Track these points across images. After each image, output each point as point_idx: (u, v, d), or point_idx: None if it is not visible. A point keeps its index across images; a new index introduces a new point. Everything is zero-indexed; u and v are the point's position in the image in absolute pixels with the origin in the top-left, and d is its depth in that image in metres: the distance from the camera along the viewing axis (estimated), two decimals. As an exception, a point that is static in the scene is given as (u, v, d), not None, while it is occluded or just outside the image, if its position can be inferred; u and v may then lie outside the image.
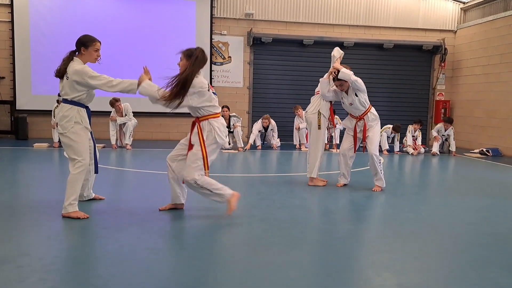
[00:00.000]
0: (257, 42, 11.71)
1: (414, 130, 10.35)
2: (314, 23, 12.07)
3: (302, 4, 11.99)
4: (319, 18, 12.10)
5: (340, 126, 10.32)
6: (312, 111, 5.75)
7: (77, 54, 3.95)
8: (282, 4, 11.93)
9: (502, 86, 10.65)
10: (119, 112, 9.57)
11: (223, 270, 2.87)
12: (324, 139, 5.83)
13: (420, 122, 10.53)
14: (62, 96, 3.93)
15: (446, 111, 12.50)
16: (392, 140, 10.40)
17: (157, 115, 11.34)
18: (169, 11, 11.42)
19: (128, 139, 9.52)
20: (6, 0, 10.77)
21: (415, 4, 12.40)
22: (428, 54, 12.67)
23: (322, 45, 11.52)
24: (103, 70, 3.94)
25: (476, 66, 11.71)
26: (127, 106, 9.61)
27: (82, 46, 3.92)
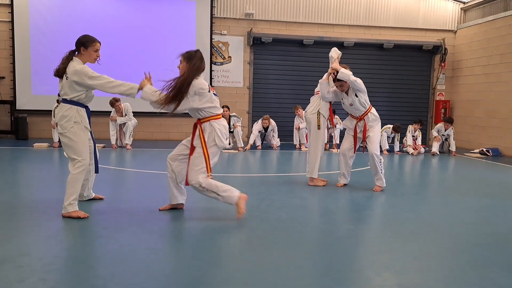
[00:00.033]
0: (257, 42, 11.71)
1: (414, 130, 10.35)
2: (314, 23, 12.07)
3: (302, 4, 11.99)
4: (319, 18, 12.10)
5: (340, 126, 10.33)
6: (311, 111, 5.75)
7: (76, 54, 3.95)
8: (282, 4, 11.93)
9: (502, 86, 10.66)
10: (119, 112, 9.57)
11: (223, 270, 2.87)
12: (323, 139, 5.83)
13: (420, 122, 10.53)
14: (62, 96, 3.93)
15: (446, 111, 12.50)
16: (392, 140, 10.40)
17: (157, 115, 11.31)
18: (169, 11, 11.42)
19: (128, 139, 9.53)
20: (6, 0, 10.78)
21: (415, 4, 12.40)
22: (428, 54, 12.67)
23: (322, 45, 11.52)
24: (103, 70, 3.93)
25: (476, 66, 11.71)
26: (127, 106, 9.61)
27: (81, 46, 3.92)
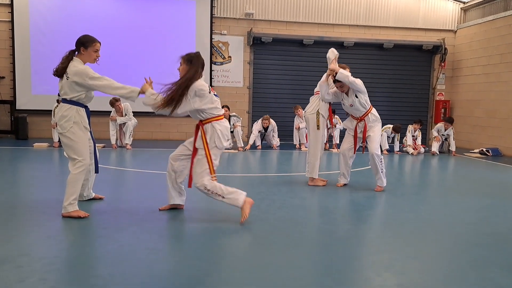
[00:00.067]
0: (257, 42, 11.70)
1: (414, 130, 10.35)
2: (314, 23, 12.07)
3: (302, 4, 11.99)
4: (319, 18, 12.09)
5: (340, 126, 10.33)
6: (310, 112, 5.74)
7: (76, 54, 3.94)
8: (282, 4, 11.93)
9: (502, 86, 10.65)
10: (119, 111, 9.57)
11: (223, 270, 2.87)
12: (323, 139, 5.82)
13: (420, 122, 10.53)
14: (62, 95, 3.92)
15: (446, 111, 12.50)
16: (392, 140, 10.40)
17: (157, 115, 11.31)
18: (169, 11, 11.42)
19: (128, 139, 9.53)
20: (6, 0, 10.78)
21: (415, 4, 12.40)
22: (428, 54, 12.66)
23: (322, 45, 11.51)
24: (103, 70, 3.93)
25: (476, 66, 11.71)
26: (127, 106, 9.61)
27: (81, 46, 3.91)
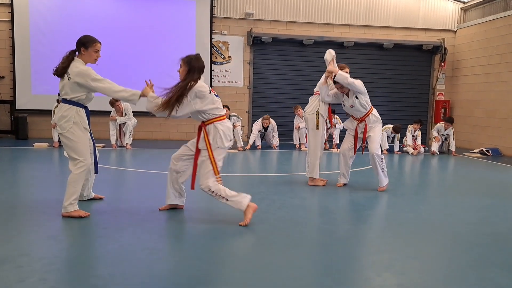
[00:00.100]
0: (257, 42, 11.70)
1: (414, 130, 10.35)
2: (314, 23, 12.07)
3: (302, 4, 11.99)
4: (319, 18, 12.09)
5: (340, 126, 10.33)
6: (310, 112, 5.74)
7: (77, 54, 3.94)
8: (282, 3, 11.93)
9: (502, 86, 10.65)
10: (119, 111, 9.57)
11: (223, 270, 2.87)
12: (322, 139, 5.82)
13: (420, 122, 10.53)
14: (62, 95, 3.91)
15: (446, 111, 12.50)
16: (392, 139, 10.40)
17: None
18: (169, 11, 11.41)
19: (128, 139, 9.52)
20: (6, -1, 10.81)
21: (415, 4, 12.39)
22: (428, 54, 12.66)
23: (322, 45, 11.47)
24: (103, 70, 3.94)
25: (476, 66, 11.71)
26: (127, 105, 9.60)
27: (82, 46, 3.90)
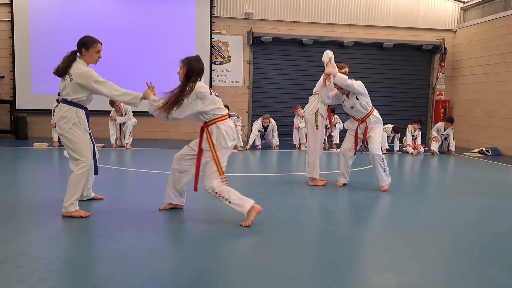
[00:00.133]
0: (257, 42, 11.70)
1: (414, 130, 10.35)
2: (314, 23, 12.07)
3: (302, 3, 11.99)
4: (319, 17, 12.09)
5: (339, 126, 10.33)
6: (309, 112, 5.74)
7: (78, 55, 3.92)
8: (282, 3, 11.92)
9: (502, 85, 10.66)
10: (119, 111, 9.57)
11: (223, 270, 2.87)
12: (322, 139, 5.82)
13: (420, 122, 10.53)
14: (63, 96, 3.90)
15: (445, 111, 12.50)
16: (392, 139, 10.40)
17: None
18: (169, 11, 11.41)
19: (127, 139, 9.52)
20: (6, -1, 10.80)
21: (415, 3, 12.40)
22: (428, 54, 12.66)
23: (322, 44, 11.47)
24: (103, 70, 3.94)
25: (475, 65, 11.71)
26: (127, 105, 9.59)
27: (83, 47, 3.89)
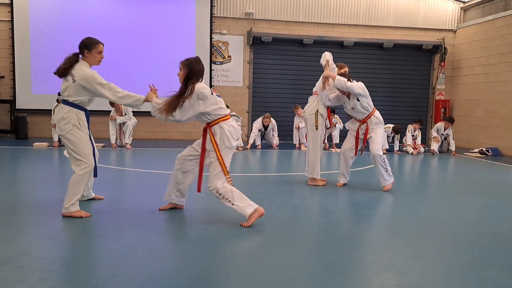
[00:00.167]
0: (257, 42, 11.70)
1: (414, 130, 10.35)
2: (314, 23, 12.07)
3: (302, 3, 11.99)
4: (319, 17, 12.09)
5: (339, 126, 10.33)
6: (309, 112, 5.73)
7: (81, 57, 3.90)
8: (282, 3, 11.92)
9: (502, 85, 10.65)
10: (119, 111, 9.57)
11: (223, 270, 2.87)
12: (322, 139, 5.81)
13: (420, 122, 10.53)
14: (65, 97, 3.87)
15: (446, 111, 12.50)
16: (392, 139, 10.40)
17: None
18: (169, 11, 11.41)
19: (128, 139, 9.52)
20: (6, -1, 10.79)
21: (415, 3, 12.39)
22: (428, 54, 12.66)
23: (322, 44, 11.50)
24: (103, 70, 3.93)
25: (476, 65, 11.71)
26: (127, 105, 9.60)
27: (85, 48, 3.87)
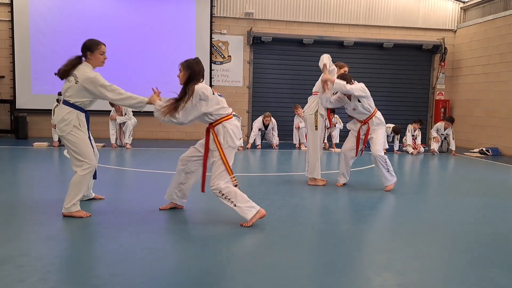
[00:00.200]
0: (257, 42, 11.70)
1: (414, 130, 10.35)
2: (314, 23, 12.07)
3: (302, 3, 11.99)
4: (319, 17, 12.09)
5: (339, 125, 10.33)
6: (309, 112, 5.73)
7: (84, 59, 3.89)
8: (282, 3, 11.92)
9: (502, 85, 10.66)
10: (119, 111, 9.56)
11: (223, 270, 2.87)
12: (321, 139, 5.81)
13: (420, 122, 10.53)
14: (66, 98, 3.85)
15: (446, 111, 12.50)
16: (392, 139, 10.40)
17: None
18: (169, 11, 11.41)
19: (128, 138, 9.52)
20: (6, -1, 10.79)
21: (415, 3, 12.39)
22: (428, 54, 12.66)
23: (322, 44, 11.52)
24: (103, 70, 3.92)
25: (476, 65, 11.71)
26: (128, 106, 9.59)
27: (87, 50, 3.86)
